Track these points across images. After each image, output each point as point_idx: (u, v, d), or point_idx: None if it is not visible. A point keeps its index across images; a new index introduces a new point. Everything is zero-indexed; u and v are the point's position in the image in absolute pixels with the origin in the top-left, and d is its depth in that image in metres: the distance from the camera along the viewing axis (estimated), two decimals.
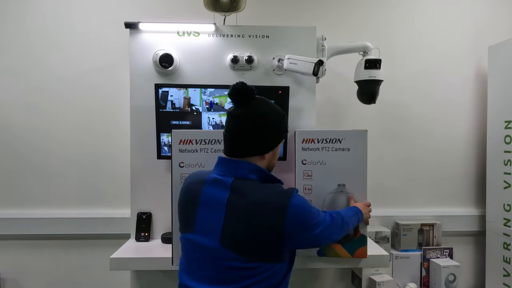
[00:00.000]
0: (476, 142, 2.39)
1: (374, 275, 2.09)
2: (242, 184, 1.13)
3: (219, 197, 1.13)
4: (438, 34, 2.34)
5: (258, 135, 1.18)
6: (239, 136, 1.18)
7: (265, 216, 1.08)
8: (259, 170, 1.18)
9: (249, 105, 1.19)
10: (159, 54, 1.75)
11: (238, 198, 1.11)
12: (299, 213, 1.11)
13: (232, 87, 1.19)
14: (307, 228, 1.13)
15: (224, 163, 1.19)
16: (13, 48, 2.17)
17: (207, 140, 1.53)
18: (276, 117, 1.23)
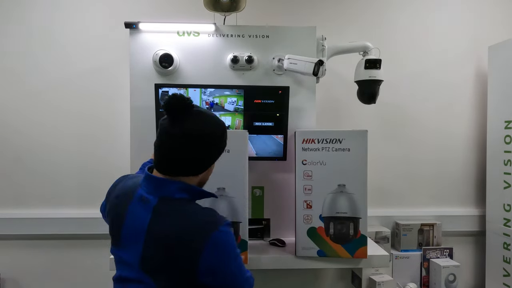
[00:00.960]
0: (476, 142, 2.39)
1: (374, 275, 2.09)
2: (167, 206, 1.06)
3: (141, 219, 1.06)
4: (438, 34, 2.34)
5: (193, 156, 1.08)
6: (172, 155, 1.07)
7: (181, 251, 1.00)
8: (188, 188, 1.09)
9: (185, 121, 1.06)
10: (159, 54, 1.75)
11: (158, 223, 1.04)
12: (219, 248, 1.02)
13: (166, 100, 1.04)
14: (226, 268, 1.05)
15: (151, 180, 1.09)
16: (13, 48, 2.17)
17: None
18: (214, 135, 1.11)
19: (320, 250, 1.61)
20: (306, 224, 1.61)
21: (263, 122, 1.77)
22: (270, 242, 1.81)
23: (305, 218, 1.61)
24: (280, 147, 1.77)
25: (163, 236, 1.02)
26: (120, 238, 1.10)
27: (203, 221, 1.04)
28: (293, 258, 1.64)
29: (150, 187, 1.08)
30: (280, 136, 1.77)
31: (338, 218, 1.59)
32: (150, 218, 1.04)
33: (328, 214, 1.60)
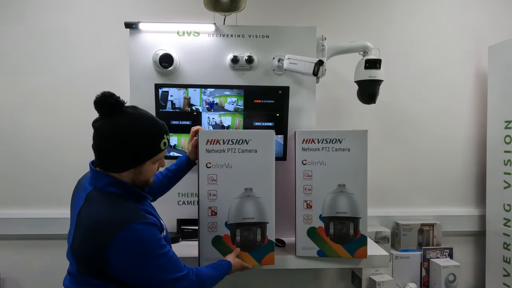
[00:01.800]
0: (476, 142, 2.39)
1: (374, 275, 2.09)
2: (96, 197, 1.12)
3: (77, 205, 1.14)
4: (438, 34, 2.34)
5: (110, 152, 1.11)
6: (97, 150, 1.14)
7: (93, 238, 1.05)
8: (119, 183, 1.14)
9: (111, 119, 1.10)
10: (159, 54, 1.75)
11: (86, 210, 1.10)
12: (129, 247, 1.04)
13: (95, 98, 1.09)
14: (140, 264, 1.07)
15: (91, 171, 1.17)
16: (13, 48, 2.17)
17: (234, 140, 1.50)
18: (135, 134, 1.12)
19: (320, 250, 1.61)
20: (306, 224, 1.61)
21: (263, 122, 1.77)
22: None
23: (305, 218, 1.61)
24: (280, 147, 1.77)
25: (84, 223, 1.09)
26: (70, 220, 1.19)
27: (121, 214, 1.08)
28: (293, 258, 1.64)
29: (90, 178, 1.17)
30: (280, 136, 1.77)
31: (338, 218, 1.59)
32: (82, 204, 1.12)
33: (328, 214, 1.59)
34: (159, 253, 1.09)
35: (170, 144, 1.76)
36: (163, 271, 1.10)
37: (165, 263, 1.11)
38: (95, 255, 1.05)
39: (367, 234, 1.60)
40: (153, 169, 1.21)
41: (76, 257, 1.11)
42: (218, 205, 1.50)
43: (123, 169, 1.14)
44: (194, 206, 1.82)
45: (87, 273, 1.09)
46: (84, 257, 1.08)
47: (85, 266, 1.09)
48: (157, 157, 1.19)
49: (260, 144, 1.50)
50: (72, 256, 1.13)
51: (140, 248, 1.06)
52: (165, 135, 1.20)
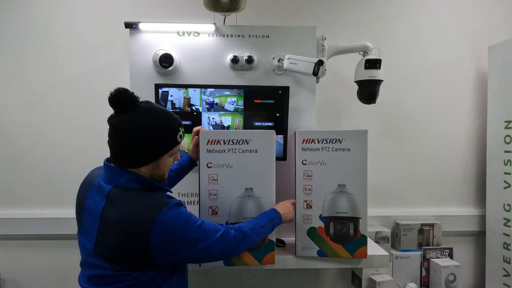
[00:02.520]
0: (476, 142, 2.39)
1: (374, 275, 2.09)
2: (119, 194, 1.12)
3: (96, 204, 1.13)
4: (438, 34, 2.34)
5: (128, 148, 1.13)
6: (114, 146, 1.15)
7: (131, 230, 1.07)
8: (138, 179, 1.15)
9: (127, 115, 1.13)
10: (159, 54, 1.75)
11: (111, 208, 1.10)
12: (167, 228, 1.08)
13: (110, 94, 1.13)
14: (182, 244, 1.11)
15: (107, 169, 1.17)
16: (13, 48, 2.17)
17: (235, 140, 1.50)
18: (153, 128, 1.14)
19: (320, 250, 1.61)
20: (306, 224, 1.61)
21: (263, 122, 1.77)
22: None
23: (305, 218, 1.61)
24: (280, 147, 1.77)
25: (114, 220, 1.08)
26: (81, 223, 1.18)
27: (151, 202, 1.10)
28: (293, 258, 1.64)
29: (106, 176, 1.17)
30: (280, 136, 1.77)
31: (338, 218, 1.59)
32: (104, 204, 1.11)
33: (328, 214, 1.59)
34: (195, 226, 1.13)
35: None
36: (204, 239, 1.13)
37: (202, 233, 1.14)
38: (136, 246, 1.06)
39: (367, 234, 1.60)
40: (169, 163, 1.23)
41: (109, 257, 1.10)
42: (218, 205, 1.50)
43: (142, 164, 1.15)
44: (194, 206, 1.82)
45: (125, 269, 1.09)
46: (123, 253, 1.08)
47: (123, 262, 1.09)
48: (174, 150, 1.21)
49: (260, 144, 1.50)
50: (100, 259, 1.11)
51: (178, 226, 1.10)
52: (180, 128, 1.22)
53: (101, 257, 1.10)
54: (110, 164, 1.17)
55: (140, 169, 1.16)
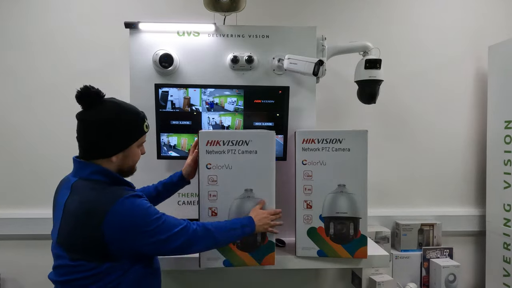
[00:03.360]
0: (476, 142, 2.39)
1: (374, 275, 2.09)
2: (82, 185, 1.17)
3: (62, 197, 1.19)
4: (438, 34, 2.34)
5: (98, 138, 1.18)
6: (80, 139, 1.20)
7: (86, 218, 1.10)
8: (104, 171, 1.19)
9: (93, 109, 1.19)
10: (159, 54, 1.75)
11: (73, 199, 1.15)
12: (122, 218, 1.10)
13: (77, 91, 1.19)
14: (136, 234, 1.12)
15: (74, 163, 1.23)
16: (13, 49, 2.17)
17: (234, 141, 1.50)
18: (120, 119, 1.20)
19: (320, 250, 1.61)
20: (306, 224, 1.61)
21: (263, 122, 1.77)
22: None
23: (305, 218, 1.61)
24: (280, 147, 1.77)
25: (73, 209, 1.13)
26: (53, 219, 1.23)
27: (109, 193, 1.14)
28: (293, 258, 1.64)
29: (74, 170, 1.22)
30: (280, 136, 1.77)
31: (338, 218, 1.59)
32: (68, 195, 1.17)
33: (328, 214, 1.60)
34: (152, 218, 1.14)
35: (170, 144, 1.76)
36: (161, 232, 1.14)
37: (160, 224, 1.15)
38: (90, 235, 1.09)
39: (367, 234, 1.60)
40: (138, 154, 1.28)
41: (66, 246, 1.13)
42: (218, 206, 1.50)
43: (113, 153, 1.20)
44: (194, 206, 1.82)
45: (81, 258, 1.11)
46: (78, 242, 1.11)
47: (79, 251, 1.11)
48: (141, 139, 1.27)
49: (260, 145, 1.50)
50: (60, 248, 1.14)
51: (134, 217, 1.11)
52: (145, 120, 1.29)
53: (61, 247, 1.14)
54: (77, 159, 1.22)
55: (111, 159, 1.20)
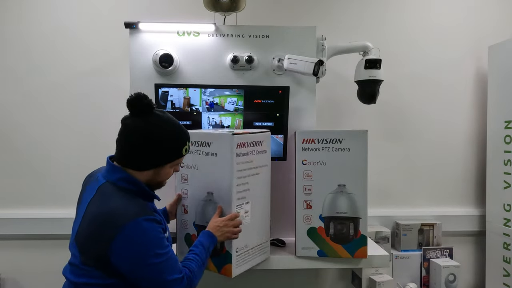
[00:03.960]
0: (476, 142, 2.39)
1: (374, 275, 2.09)
2: (107, 189, 1.15)
3: (88, 196, 1.18)
4: (438, 34, 2.34)
5: (135, 149, 1.16)
6: (120, 143, 1.19)
7: (101, 230, 1.08)
8: (132, 181, 1.17)
9: (141, 118, 1.17)
10: (159, 54, 1.75)
11: (96, 201, 1.14)
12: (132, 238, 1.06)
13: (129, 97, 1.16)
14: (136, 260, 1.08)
15: (107, 164, 1.22)
16: (13, 49, 2.17)
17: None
18: (162, 138, 1.17)
19: (320, 250, 1.61)
20: (306, 224, 1.61)
21: (263, 122, 1.77)
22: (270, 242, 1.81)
23: (305, 218, 1.61)
24: (280, 147, 1.77)
25: (92, 213, 1.12)
26: (76, 212, 1.22)
27: (130, 206, 1.11)
28: (293, 258, 1.64)
29: (105, 170, 1.21)
30: (280, 136, 1.77)
31: (338, 218, 1.59)
32: (92, 196, 1.15)
33: (328, 214, 1.60)
34: (160, 251, 1.11)
35: None
36: (160, 271, 1.11)
37: (164, 262, 1.11)
38: (100, 246, 1.07)
39: (367, 234, 1.60)
40: (169, 173, 1.25)
41: (80, 247, 1.12)
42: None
43: (145, 168, 1.18)
44: None
45: (91, 264, 1.10)
46: (90, 247, 1.10)
47: (90, 257, 1.11)
48: (176, 161, 1.24)
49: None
50: (76, 247, 1.14)
51: (143, 243, 1.08)
52: (187, 142, 1.24)
53: (77, 246, 1.14)
54: (111, 161, 1.21)
55: (142, 173, 1.18)
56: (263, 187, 1.52)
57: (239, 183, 1.39)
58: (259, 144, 1.48)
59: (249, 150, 1.42)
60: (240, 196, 1.40)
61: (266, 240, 1.58)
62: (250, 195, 1.44)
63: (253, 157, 1.45)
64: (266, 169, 1.54)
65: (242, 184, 1.40)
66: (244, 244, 1.45)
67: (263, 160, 1.51)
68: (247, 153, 1.42)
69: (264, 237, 1.56)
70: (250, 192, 1.44)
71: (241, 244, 1.43)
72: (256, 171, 1.47)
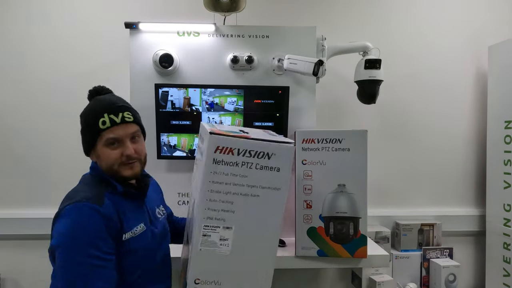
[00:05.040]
0: (476, 142, 2.39)
1: (374, 275, 2.09)
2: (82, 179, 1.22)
3: None
4: (438, 34, 2.34)
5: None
6: None
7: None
8: (92, 166, 1.21)
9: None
10: (159, 54, 1.75)
11: None
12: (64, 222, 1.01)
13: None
14: (57, 247, 1.01)
15: None
16: (13, 49, 2.17)
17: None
18: (83, 116, 1.19)
19: (320, 250, 1.61)
20: (306, 224, 1.61)
21: (263, 122, 1.77)
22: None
23: (305, 218, 1.61)
24: None
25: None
26: None
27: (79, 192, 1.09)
28: (293, 258, 1.64)
29: None
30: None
31: (338, 218, 1.59)
32: None
33: (328, 214, 1.59)
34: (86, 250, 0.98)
35: (170, 144, 1.76)
36: (69, 273, 0.97)
37: (81, 265, 0.97)
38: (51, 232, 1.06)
39: (367, 234, 1.60)
40: (109, 154, 1.13)
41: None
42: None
43: (87, 152, 1.20)
44: None
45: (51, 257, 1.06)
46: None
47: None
48: (103, 138, 1.13)
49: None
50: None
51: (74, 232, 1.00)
52: (105, 114, 1.12)
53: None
54: None
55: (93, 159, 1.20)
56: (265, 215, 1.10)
57: (212, 198, 1.06)
58: (265, 156, 1.07)
59: (240, 160, 1.05)
60: (214, 215, 1.07)
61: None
62: (234, 220, 1.08)
63: (249, 172, 1.06)
64: (277, 194, 1.09)
65: (218, 202, 1.06)
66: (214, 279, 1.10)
67: (272, 180, 1.08)
68: (235, 163, 1.05)
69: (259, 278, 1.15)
70: (235, 216, 1.08)
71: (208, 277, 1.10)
72: (251, 191, 1.07)
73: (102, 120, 1.12)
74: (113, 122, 1.13)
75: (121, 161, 1.15)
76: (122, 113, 1.15)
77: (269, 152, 1.06)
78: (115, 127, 1.13)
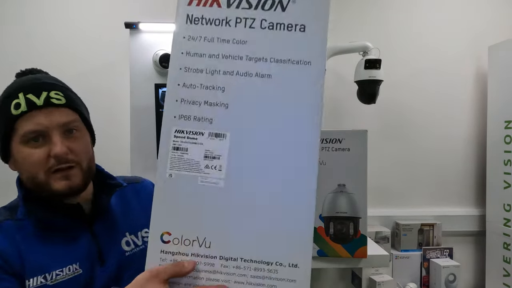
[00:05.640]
0: (476, 142, 2.39)
1: (374, 275, 2.09)
2: None
3: None
4: (438, 34, 2.34)
5: None
6: None
7: None
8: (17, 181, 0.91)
9: None
10: (159, 54, 1.75)
11: None
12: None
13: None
14: None
15: None
16: (13, 49, 2.17)
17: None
18: None
19: (320, 250, 1.61)
20: None
21: None
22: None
23: None
24: None
25: None
26: None
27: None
28: None
29: None
30: None
31: (338, 218, 1.59)
32: None
33: (328, 214, 1.59)
34: None
35: None
36: None
37: None
38: None
39: (367, 234, 1.60)
40: (28, 155, 0.78)
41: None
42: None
43: (3, 159, 0.88)
44: None
45: None
46: None
47: None
48: (18, 131, 0.77)
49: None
50: None
51: None
52: (22, 93, 0.77)
53: None
54: None
55: (10, 167, 0.87)
56: (286, 112, 0.65)
57: (188, 83, 0.63)
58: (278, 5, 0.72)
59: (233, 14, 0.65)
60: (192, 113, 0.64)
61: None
62: (229, 120, 0.63)
63: (250, 34, 0.66)
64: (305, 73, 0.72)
65: (199, 88, 0.63)
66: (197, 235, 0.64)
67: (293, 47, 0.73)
68: (224, 21, 0.64)
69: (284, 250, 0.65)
70: (230, 113, 0.63)
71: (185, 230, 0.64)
72: (256, 68, 0.65)
73: (15, 102, 0.75)
74: (32, 104, 0.75)
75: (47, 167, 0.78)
76: (48, 92, 0.78)
77: None
78: (35, 113, 0.76)
